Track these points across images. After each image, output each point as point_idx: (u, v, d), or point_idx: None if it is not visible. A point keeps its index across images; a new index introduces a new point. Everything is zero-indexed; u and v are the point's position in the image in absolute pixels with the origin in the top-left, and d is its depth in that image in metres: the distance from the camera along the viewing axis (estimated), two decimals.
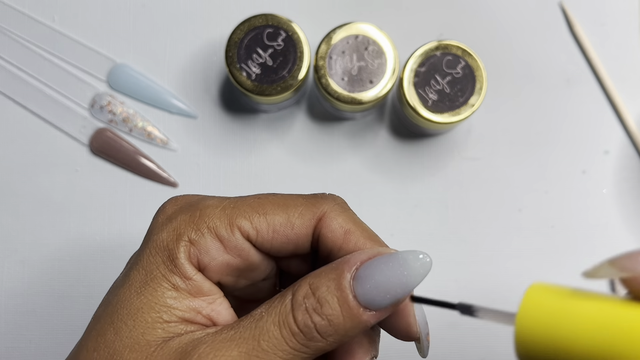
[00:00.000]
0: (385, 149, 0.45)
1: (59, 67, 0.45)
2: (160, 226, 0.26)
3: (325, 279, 0.23)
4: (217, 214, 0.25)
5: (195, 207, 0.26)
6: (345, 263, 0.23)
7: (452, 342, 0.43)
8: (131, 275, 0.25)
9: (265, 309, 0.23)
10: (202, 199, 0.27)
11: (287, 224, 0.26)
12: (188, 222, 0.25)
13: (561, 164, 0.45)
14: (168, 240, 0.25)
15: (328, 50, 0.40)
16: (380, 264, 0.22)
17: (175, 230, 0.25)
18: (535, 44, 0.45)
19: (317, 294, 0.23)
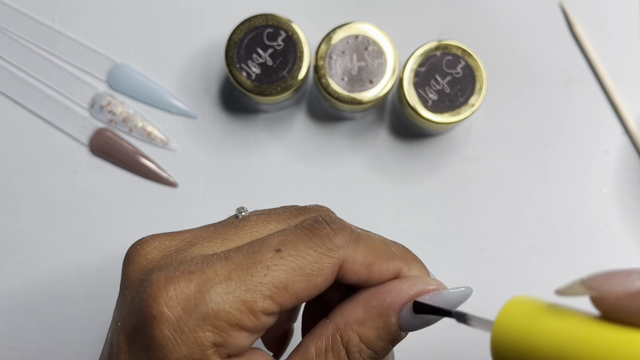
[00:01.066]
0: (385, 149, 0.45)
1: (59, 67, 0.45)
2: (174, 341, 0.22)
3: (374, 329, 0.24)
4: (233, 307, 0.23)
5: (204, 306, 0.22)
6: (389, 308, 0.24)
7: (452, 342, 0.43)
8: None
9: None
10: (202, 288, 0.23)
11: (309, 287, 0.24)
12: (205, 328, 0.22)
13: (561, 164, 0.45)
14: (193, 357, 0.22)
15: (328, 50, 0.40)
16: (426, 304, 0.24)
17: (195, 343, 0.22)
18: (535, 44, 0.45)
19: (371, 346, 0.24)
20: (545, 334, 0.20)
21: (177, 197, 0.44)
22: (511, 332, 0.21)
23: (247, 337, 0.23)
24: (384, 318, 0.23)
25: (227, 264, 0.23)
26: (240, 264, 0.23)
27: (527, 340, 0.20)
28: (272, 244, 0.24)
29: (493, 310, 0.45)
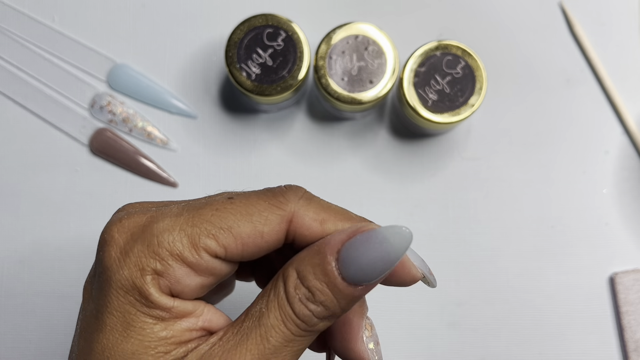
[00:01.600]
0: (385, 149, 0.45)
1: (59, 67, 0.45)
2: (117, 262, 0.23)
3: (310, 265, 0.23)
4: (176, 238, 0.23)
5: (149, 233, 0.24)
6: (327, 245, 0.23)
7: (452, 342, 0.43)
8: (106, 320, 0.23)
9: (263, 305, 0.24)
10: (152, 219, 0.24)
11: (255, 233, 0.24)
12: (147, 254, 0.23)
13: (561, 164, 0.45)
14: (133, 278, 0.23)
15: (328, 50, 0.40)
16: (361, 244, 0.23)
17: (136, 265, 0.23)
18: (535, 44, 0.45)
19: (305, 283, 0.23)
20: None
21: (177, 197, 0.44)
22: None
23: (190, 274, 0.24)
24: (320, 255, 0.23)
25: (182, 206, 0.25)
26: (194, 205, 0.24)
27: None
28: (226, 194, 0.25)
29: (493, 310, 0.46)
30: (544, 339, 0.43)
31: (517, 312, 0.43)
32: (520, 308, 0.44)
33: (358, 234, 0.23)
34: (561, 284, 0.44)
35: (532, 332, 0.43)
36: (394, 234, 0.23)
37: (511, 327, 0.43)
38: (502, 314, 0.43)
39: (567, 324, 0.43)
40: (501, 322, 0.43)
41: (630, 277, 0.43)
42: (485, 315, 0.43)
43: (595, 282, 0.44)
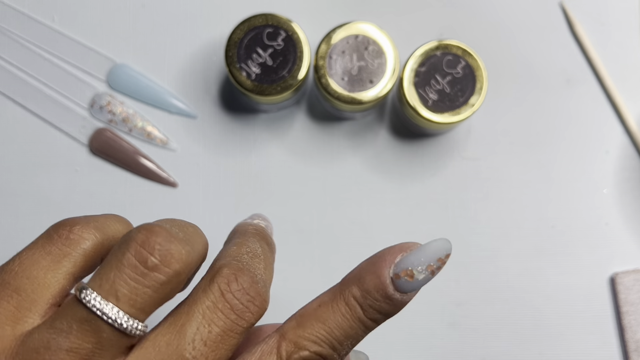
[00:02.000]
0: (385, 149, 0.44)
1: (59, 67, 0.45)
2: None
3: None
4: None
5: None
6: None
7: (452, 342, 0.43)
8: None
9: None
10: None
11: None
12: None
13: (561, 164, 0.44)
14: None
15: (328, 50, 0.40)
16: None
17: None
18: (535, 43, 0.45)
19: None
20: None
21: (177, 197, 0.44)
22: None
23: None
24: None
25: None
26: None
27: None
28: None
29: (493, 310, 0.46)
30: (544, 339, 0.43)
31: (517, 312, 0.43)
32: (521, 308, 0.43)
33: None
34: (561, 284, 0.44)
35: (532, 332, 0.43)
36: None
37: (511, 327, 0.43)
38: (502, 314, 0.43)
39: (567, 324, 0.43)
40: (501, 322, 0.43)
41: (631, 277, 0.43)
42: (485, 315, 0.43)
43: (596, 282, 0.44)
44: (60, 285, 0.23)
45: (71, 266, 0.23)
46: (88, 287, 0.21)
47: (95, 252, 0.24)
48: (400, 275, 0.23)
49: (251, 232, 0.27)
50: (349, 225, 0.44)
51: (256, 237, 0.27)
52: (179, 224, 0.24)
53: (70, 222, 0.24)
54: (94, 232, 0.24)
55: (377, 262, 0.23)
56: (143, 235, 0.22)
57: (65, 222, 0.24)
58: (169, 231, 0.22)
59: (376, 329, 0.45)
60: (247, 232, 0.27)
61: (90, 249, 0.23)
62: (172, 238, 0.22)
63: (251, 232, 0.27)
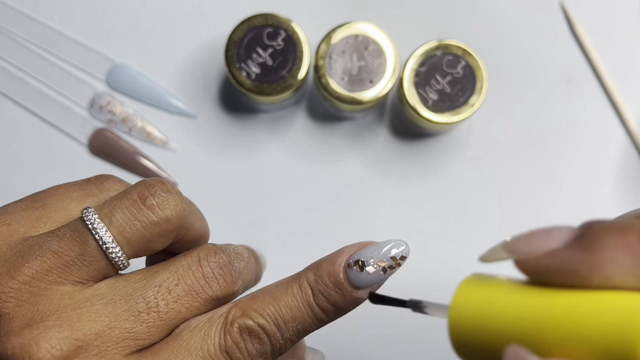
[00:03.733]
0: (385, 149, 0.44)
1: (58, 67, 0.45)
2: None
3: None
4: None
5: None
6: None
7: None
8: None
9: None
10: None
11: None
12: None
13: (561, 164, 0.44)
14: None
15: (328, 50, 0.40)
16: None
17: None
18: (536, 43, 0.45)
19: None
20: (501, 311, 0.20)
21: None
22: (467, 314, 0.21)
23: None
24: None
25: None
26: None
27: (485, 320, 0.20)
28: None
29: None
30: None
31: None
32: None
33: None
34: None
35: None
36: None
37: None
38: None
39: None
40: None
41: None
42: None
43: None
44: (78, 215, 0.25)
45: (94, 204, 0.26)
46: (91, 207, 0.24)
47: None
48: (352, 264, 0.25)
49: (243, 245, 0.30)
50: (349, 225, 0.44)
51: (246, 248, 0.29)
52: (190, 202, 0.27)
53: (107, 176, 0.27)
54: (120, 185, 0.27)
55: (336, 253, 0.25)
56: (152, 181, 0.25)
57: (104, 175, 0.27)
58: (175, 188, 0.25)
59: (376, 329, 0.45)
60: (239, 244, 0.29)
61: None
62: (174, 191, 0.25)
63: (243, 245, 0.30)
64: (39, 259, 0.23)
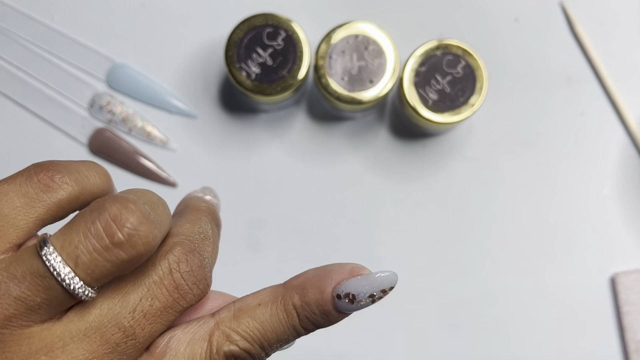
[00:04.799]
0: (385, 149, 0.44)
1: (58, 67, 0.45)
2: None
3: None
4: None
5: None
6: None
7: (452, 342, 0.43)
8: None
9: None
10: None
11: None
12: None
13: (561, 164, 0.44)
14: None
15: (328, 50, 0.40)
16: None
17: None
18: (536, 43, 0.45)
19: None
20: None
21: (176, 198, 0.44)
22: None
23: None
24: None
25: None
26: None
27: None
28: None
29: (493, 310, 0.46)
30: (544, 339, 0.43)
31: (517, 312, 0.43)
32: (521, 308, 0.43)
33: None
34: (562, 284, 0.44)
35: (532, 332, 0.43)
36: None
37: (511, 327, 0.43)
38: (502, 314, 0.43)
39: (567, 324, 0.43)
40: (501, 322, 0.43)
41: (631, 277, 0.43)
42: (485, 315, 0.43)
43: (596, 282, 0.44)
44: (27, 228, 0.23)
45: (43, 212, 0.23)
46: (50, 244, 0.22)
47: (70, 203, 0.24)
48: (342, 296, 0.24)
49: (203, 210, 0.28)
50: (349, 225, 0.44)
51: (208, 217, 0.27)
52: (150, 200, 0.24)
53: (52, 168, 0.24)
54: (73, 184, 0.24)
55: (324, 278, 0.24)
56: (116, 209, 0.22)
57: (48, 167, 0.24)
58: (143, 211, 0.22)
59: (375, 329, 0.45)
60: (199, 209, 0.28)
61: (66, 200, 0.24)
62: (144, 219, 0.22)
63: (203, 210, 0.28)
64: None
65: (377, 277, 0.24)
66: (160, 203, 0.25)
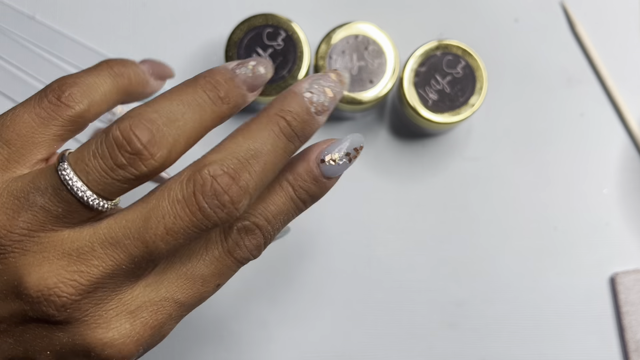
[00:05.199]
0: (385, 149, 0.44)
1: (58, 67, 0.45)
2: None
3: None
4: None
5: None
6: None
7: (452, 342, 0.43)
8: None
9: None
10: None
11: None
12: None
13: (562, 164, 0.44)
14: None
15: (328, 50, 0.40)
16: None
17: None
18: (536, 43, 0.45)
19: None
20: None
21: None
22: None
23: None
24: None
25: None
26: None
27: None
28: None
29: (493, 310, 0.46)
30: (544, 339, 0.43)
31: (517, 312, 0.43)
32: (520, 308, 0.43)
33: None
34: (561, 284, 0.44)
35: (532, 332, 0.43)
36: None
37: (511, 327, 0.43)
38: (502, 314, 0.43)
39: (567, 324, 0.43)
40: (501, 322, 0.43)
41: (631, 277, 0.43)
42: (485, 315, 0.43)
43: (596, 282, 0.44)
44: (47, 144, 0.25)
45: (58, 129, 0.26)
46: (67, 159, 0.24)
47: (82, 117, 0.26)
48: (325, 160, 0.27)
49: (272, 121, 0.26)
50: (349, 225, 0.44)
51: (275, 128, 0.26)
52: (170, 114, 0.25)
53: (61, 86, 0.26)
54: (82, 99, 0.26)
55: (306, 151, 0.27)
56: (124, 129, 0.24)
57: (57, 86, 0.26)
58: (152, 130, 0.24)
59: (375, 329, 0.45)
60: (269, 116, 0.27)
61: (77, 115, 0.26)
62: (151, 139, 0.24)
63: (272, 121, 0.26)
64: (29, 212, 0.24)
65: (349, 138, 0.28)
66: (183, 115, 0.26)
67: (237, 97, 0.27)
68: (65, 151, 0.24)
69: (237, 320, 0.43)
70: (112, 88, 0.27)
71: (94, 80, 0.26)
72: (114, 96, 0.27)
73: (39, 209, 0.24)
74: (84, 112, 0.26)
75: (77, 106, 0.26)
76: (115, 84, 0.27)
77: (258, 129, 0.26)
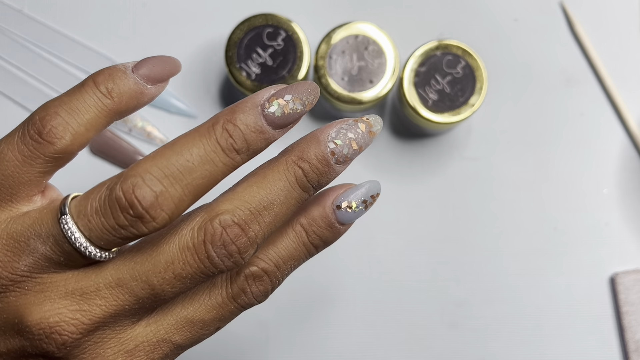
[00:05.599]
0: (385, 149, 0.44)
1: (58, 67, 0.45)
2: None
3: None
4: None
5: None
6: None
7: (452, 342, 0.43)
8: None
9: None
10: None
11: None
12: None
13: (561, 164, 0.44)
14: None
15: (328, 50, 0.40)
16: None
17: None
18: (535, 43, 0.45)
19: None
20: None
21: None
22: None
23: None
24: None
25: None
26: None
27: None
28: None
29: (493, 310, 0.46)
30: (544, 339, 0.43)
31: (517, 312, 0.43)
32: (520, 308, 0.43)
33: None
34: (561, 284, 0.44)
35: (532, 332, 0.43)
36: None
37: (511, 327, 0.43)
38: (502, 314, 0.43)
39: (567, 324, 0.43)
40: (501, 322, 0.43)
41: (631, 277, 0.43)
42: (485, 316, 0.43)
43: (596, 282, 0.44)
44: (35, 182, 0.25)
45: (42, 167, 0.25)
46: (68, 210, 0.23)
47: (66, 152, 0.25)
48: (341, 206, 0.27)
49: (289, 169, 0.26)
50: None
51: (291, 178, 0.26)
52: (174, 169, 0.24)
53: (42, 119, 0.25)
54: (65, 134, 0.25)
55: (322, 196, 0.27)
56: (126, 189, 0.23)
57: (38, 118, 0.25)
58: (154, 189, 0.23)
59: (375, 329, 0.45)
60: (285, 164, 0.26)
61: (60, 151, 0.25)
62: (153, 201, 0.23)
63: (289, 169, 0.26)
64: (30, 257, 0.24)
65: (365, 185, 0.28)
66: (191, 173, 0.24)
67: (258, 142, 0.25)
68: (67, 197, 0.24)
69: (237, 320, 0.43)
70: (98, 113, 0.25)
71: (77, 106, 0.25)
72: (102, 121, 0.25)
73: (40, 255, 0.24)
74: (66, 147, 0.24)
75: (58, 142, 0.24)
76: (102, 109, 0.25)
77: (273, 179, 0.25)
